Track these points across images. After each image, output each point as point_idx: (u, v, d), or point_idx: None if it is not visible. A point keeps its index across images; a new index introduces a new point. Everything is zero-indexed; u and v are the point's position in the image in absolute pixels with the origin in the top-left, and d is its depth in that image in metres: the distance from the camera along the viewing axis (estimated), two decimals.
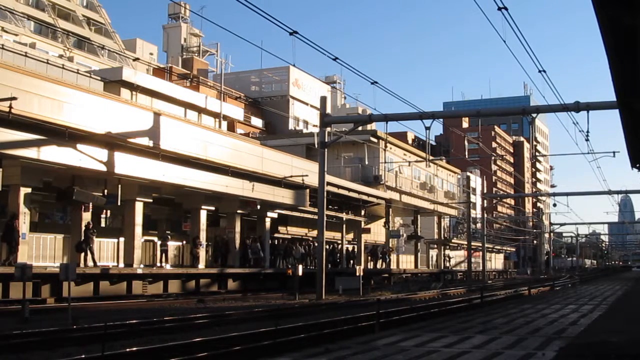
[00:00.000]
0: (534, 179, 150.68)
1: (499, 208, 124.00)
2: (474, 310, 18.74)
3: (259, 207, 33.44)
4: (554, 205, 75.65)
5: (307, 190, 35.38)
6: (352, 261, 43.29)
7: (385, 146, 43.38)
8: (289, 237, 40.99)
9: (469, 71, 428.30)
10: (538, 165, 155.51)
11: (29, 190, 22.90)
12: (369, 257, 46.69)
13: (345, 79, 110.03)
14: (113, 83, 39.23)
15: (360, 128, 42.44)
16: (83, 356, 10.48)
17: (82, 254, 24.63)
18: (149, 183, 26.63)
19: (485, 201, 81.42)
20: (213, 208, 32.06)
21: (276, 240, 38.27)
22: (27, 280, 17.54)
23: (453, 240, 71.89)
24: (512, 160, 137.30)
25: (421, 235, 56.57)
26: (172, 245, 30.73)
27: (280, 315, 18.39)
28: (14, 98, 19.35)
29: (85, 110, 22.38)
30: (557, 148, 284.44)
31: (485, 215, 71.31)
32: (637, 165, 23.19)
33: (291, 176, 33.47)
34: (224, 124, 47.65)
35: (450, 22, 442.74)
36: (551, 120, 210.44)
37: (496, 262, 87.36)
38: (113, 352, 10.75)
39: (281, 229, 40.17)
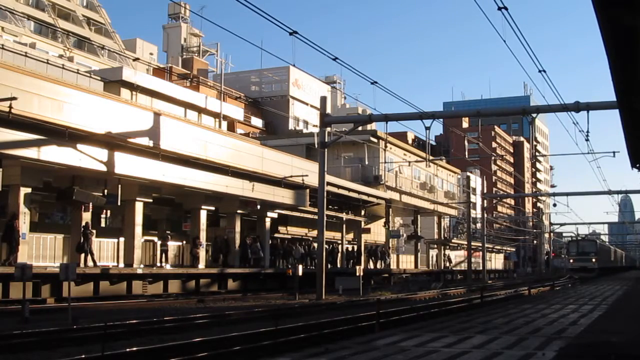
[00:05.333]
0: (534, 179, 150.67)
1: (499, 208, 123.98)
2: (474, 310, 18.74)
3: (259, 207, 33.44)
4: (554, 205, 75.62)
5: (307, 190, 35.38)
6: (352, 261, 43.29)
7: (385, 146, 43.36)
8: (289, 237, 40.98)
9: (469, 71, 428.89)
10: (538, 165, 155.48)
11: (29, 190, 22.91)
12: (370, 257, 46.69)
13: (345, 79, 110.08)
14: (113, 83, 39.21)
15: (360, 128, 42.43)
16: (83, 356, 10.48)
17: (82, 254, 24.64)
18: (149, 183, 26.64)
19: (485, 201, 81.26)
20: (213, 208, 32.08)
21: (276, 240, 38.26)
22: (27, 280, 17.53)
23: (453, 240, 71.87)
24: (512, 160, 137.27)
25: (421, 235, 56.56)
26: (172, 245, 30.74)
27: (280, 315, 18.37)
28: (14, 98, 19.35)
29: (85, 110, 22.38)
30: (557, 148, 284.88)
31: (485, 215, 71.28)
32: (637, 165, 23.15)
33: (291, 176, 33.47)
34: (224, 124, 47.63)
35: (450, 22, 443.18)
36: (551, 120, 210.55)
37: (496, 262, 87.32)
38: (113, 352, 10.74)
39: (281, 229, 40.17)
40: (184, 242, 32.07)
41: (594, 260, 67.38)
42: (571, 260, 69.66)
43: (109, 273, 25.32)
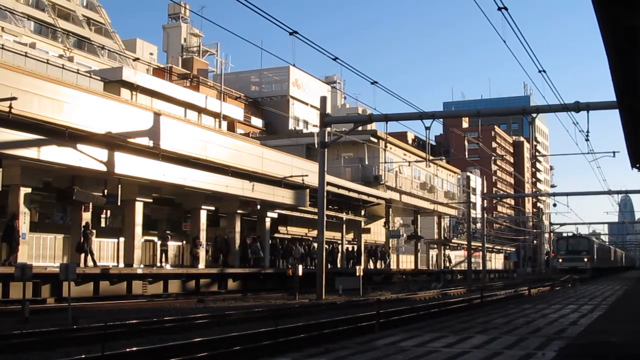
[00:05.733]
0: (534, 179, 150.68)
1: (499, 208, 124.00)
2: (474, 310, 18.74)
3: (259, 207, 33.44)
4: (554, 205, 75.50)
5: (307, 190, 35.39)
6: (352, 261, 43.30)
7: (385, 146, 43.39)
8: (289, 237, 40.99)
9: (469, 71, 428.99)
10: (538, 165, 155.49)
11: (29, 190, 22.91)
12: (370, 257, 46.70)
13: (345, 79, 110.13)
14: (113, 83, 39.22)
15: (360, 128, 42.44)
16: (83, 356, 10.48)
17: (82, 254, 24.64)
18: (149, 183, 26.63)
19: (485, 201, 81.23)
20: (213, 208, 32.08)
21: (276, 240, 38.26)
22: (27, 280, 17.54)
23: (453, 240, 71.88)
24: (512, 160, 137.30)
25: (421, 235, 56.57)
26: (172, 245, 30.75)
27: (280, 315, 18.38)
28: (14, 98, 19.36)
29: (85, 110, 22.38)
30: (557, 148, 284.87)
31: (485, 215, 71.30)
32: (637, 165, 23.16)
33: (291, 176, 33.47)
34: (224, 124, 47.64)
35: (450, 22, 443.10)
36: (551, 120, 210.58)
37: (496, 262, 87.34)
38: (113, 352, 10.74)
39: (281, 229, 40.17)
40: (184, 242, 32.07)
41: (586, 259, 60.20)
42: (560, 260, 62.73)
43: (109, 273, 25.32)
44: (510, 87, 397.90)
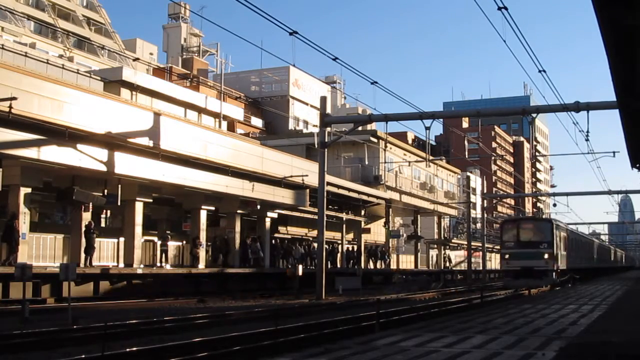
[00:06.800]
0: (534, 179, 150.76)
1: (499, 208, 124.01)
2: (474, 310, 18.74)
3: (259, 207, 33.45)
4: (554, 205, 75.39)
5: (307, 190, 35.40)
6: (352, 261, 43.31)
7: (385, 146, 43.41)
8: (289, 237, 41.00)
9: (469, 71, 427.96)
10: (538, 165, 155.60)
11: (29, 190, 22.91)
12: (370, 257, 46.72)
13: (345, 79, 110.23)
14: (113, 83, 39.26)
15: (360, 128, 42.47)
16: (83, 356, 10.48)
17: (84, 255, 24.65)
18: (149, 183, 26.64)
19: (485, 201, 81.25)
20: (213, 208, 32.08)
21: (276, 240, 38.27)
22: (27, 280, 17.53)
23: (453, 240, 71.87)
24: (512, 160, 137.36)
25: (421, 235, 56.58)
26: (172, 245, 30.75)
27: (280, 315, 18.35)
28: (14, 98, 19.35)
29: (85, 110, 22.38)
30: (557, 148, 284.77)
31: (485, 215, 71.27)
32: (637, 165, 23.18)
33: (291, 176, 33.48)
34: (224, 124, 47.67)
35: (450, 22, 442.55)
36: (551, 120, 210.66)
37: (496, 262, 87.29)
38: (113, 352, 10.74)
39: (281, 229, 40.18)
40: (184, 242, 32.07)
41: (546, 256, 35.64)
42: (506, 256, 36.68)
43: (109, 273, 25.32)
44: (510, 87, 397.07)
